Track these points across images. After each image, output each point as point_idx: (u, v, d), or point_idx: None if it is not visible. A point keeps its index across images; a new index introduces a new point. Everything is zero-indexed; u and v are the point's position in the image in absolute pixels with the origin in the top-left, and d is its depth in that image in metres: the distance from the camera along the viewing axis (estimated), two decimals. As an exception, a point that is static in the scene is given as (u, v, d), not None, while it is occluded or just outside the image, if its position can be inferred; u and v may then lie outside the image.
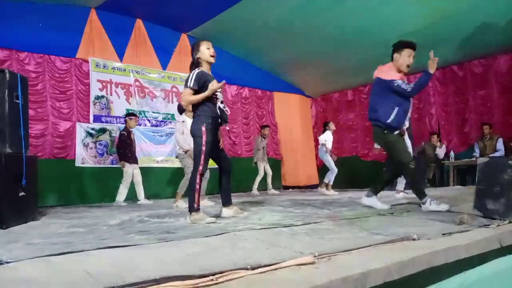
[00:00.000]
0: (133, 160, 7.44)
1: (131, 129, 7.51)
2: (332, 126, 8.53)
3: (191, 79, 3.73)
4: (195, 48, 3.95)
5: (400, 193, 6.12)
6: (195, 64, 3.92)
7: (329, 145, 8.31)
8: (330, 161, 8.12)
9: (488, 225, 2.68)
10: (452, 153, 8.86)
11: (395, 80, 4.04)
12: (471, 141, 9.06)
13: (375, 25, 8.14)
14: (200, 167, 3.63)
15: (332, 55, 9.63)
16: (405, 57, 4.15)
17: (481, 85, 9.09)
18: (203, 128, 3.65)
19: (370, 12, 7.81)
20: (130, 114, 7.76)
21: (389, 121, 4.01)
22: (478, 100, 9.15)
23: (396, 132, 4.05)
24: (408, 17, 7.73)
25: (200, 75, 3.75)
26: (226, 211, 3.99)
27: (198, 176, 3.63)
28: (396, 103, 4.02)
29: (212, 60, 3.91)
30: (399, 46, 4.18)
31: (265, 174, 9.42)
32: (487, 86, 8.99)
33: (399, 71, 4.18)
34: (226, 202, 4.04)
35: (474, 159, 7.85)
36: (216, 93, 3.79)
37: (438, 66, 9.44)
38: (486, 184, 3.05)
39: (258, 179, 9.33)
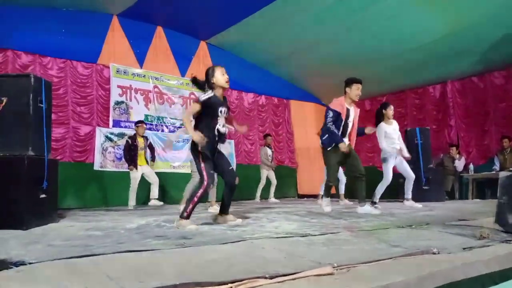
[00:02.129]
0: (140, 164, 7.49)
1: (140, 136, 7.59)
2: None
3: (203, 97, 3.90)
4: (210, 73, 4.05)
5: (409, 201, 6.19)
6: (210, 87, 4.04)
7: None
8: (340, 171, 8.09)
9: (510, 240, 2.62)
10: (471, 166, 8.71)
11: (330, 109, 5.20)
12: (491, 154, 8.90)
13: (395, 35, 8.12)
14: (205, 183, 3.78)
15: (351, 64, 9.59)
16: (354, 90, 5.12)
17: (502, 97, 8.95)
18: (199, 149, 3.79)
19: (391, 21, 7.78)
20: (139, 121, 7.84)
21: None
22: (499, 112, 9.00)
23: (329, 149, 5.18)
24: (429, 26, 7.67)
25: (211, 100, 3.91)
26: (220, 218, 4.09)
27: (201, 191, 3.76)
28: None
29: (226, 85, 4.05)
30: (349, 82, 5.16)
31: (270, 182, 9.41)
32: (508, 98, 8.84)
33: (352, 101, 5.20)
34: (222, 211, 4.14)
35: (494, 172, 7.71)
36: (218, 118, 3.94)
37: (458, 77, 9.27)
38: (508, 199, 2.99)
39: (261, 187, 9.30)
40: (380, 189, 5.93)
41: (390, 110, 6.26)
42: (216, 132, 3.93)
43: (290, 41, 9.33)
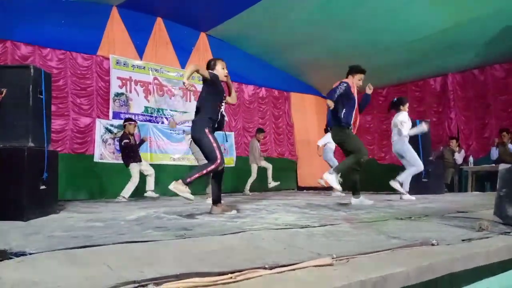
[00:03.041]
0: (138, 158, 7.47)
1: (131, 134, 7.51)
2: None
3: (212, 73, 4.08)
4: (211, 64, 4.25)
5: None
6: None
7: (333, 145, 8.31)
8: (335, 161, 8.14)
9: (509, 232, 2.62)
10: (471, 159, 8.72)
11: (342, 82, 5.08)
12: (490, 147, 8.91)
13: (396, 27, 8.08)
14: (218, 160, 3.81)
15: (352, 57, 9.50)
16: (357, 80, 5.22)
17: (502, 90, 8.94)
18: (206, 130, 3.89)
19: (392, 13, 7.74)
20: (128, 119, 7.72)
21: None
22: (499, 105, 8.99)
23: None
24: (431, 19, 7.64)
25: (217, 79, 4.11)
26: (215, 209, 4.12)
27: (212, 167, 3.81)
28: None
29: (225, 79, 4.26)
30: (353, 71, 5.25)
31: (265, 169, 9.39)
32: (509, 91, 8.84)
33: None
34: (216, 201, 4.18)
35: (494, 165, 7.72)
36: (223, 102, 4.13)
37: (459, 69, 9.28)
38: (507, 191, 2.99)
39: (251, 180, 9.21)
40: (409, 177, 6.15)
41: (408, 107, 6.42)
42: (219, 116, 4.05)
43: (291, 33, 9.29)
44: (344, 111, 5.03)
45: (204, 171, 3.80)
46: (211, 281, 1.46)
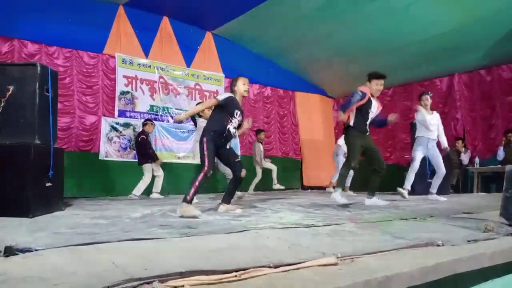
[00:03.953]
0: (153, 158, 7.60)
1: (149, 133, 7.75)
2: None
3: (223, 96, 4.33)
4: (234, 81, 4.51)
5: (433, 195, 6.11)
6: (232, 91, 4.48)
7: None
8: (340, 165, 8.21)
9: (515, 233, 2.62)
10: (477, 159, 8.67)
11: (358, 90, 4.96)
12: (497, 148, 8.84)
13: (404, 27, 8.03)
14: (205, 168, 4.03)
15: (358, 56, 9.53)
16: (374, 86, 5.02)
17: (509, 91, 8.85)
18: (205, 139, 4.14)
19: (399, 13, 7.69)
20: (149, 120, 7.96)
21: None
22: (506, 106, 8.91)
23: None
24: (438, 19, 7.58)
25: (231, 101, 4.30)
26: (221, 207, 4.36)
27: (201, 175, 4.00)
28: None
29: (245, 94, 4.50)
30: (369, 77, 5.05)
31: (270, 170, 9.39)
32: (516, 92, 8.76)
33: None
34: (224, 200, 4.44)
35: (500, 166, 7.66)
36: (233, 118, 4.29)
37: (465, 70, 9.21)
38: (513, 192, 2.98)
39: (256, 181, 9.18)
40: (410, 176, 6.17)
41: (426, 100, 6.26)
42: (226, 131, 4.24)
43: (296, 33, 9.27)
44: (355, 120, 4.97)
45: (197, 182, 3.95)
46: (216, 279, 1.46)
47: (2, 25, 7.23)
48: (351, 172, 8.05)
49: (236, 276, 1.50)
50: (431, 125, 6.14)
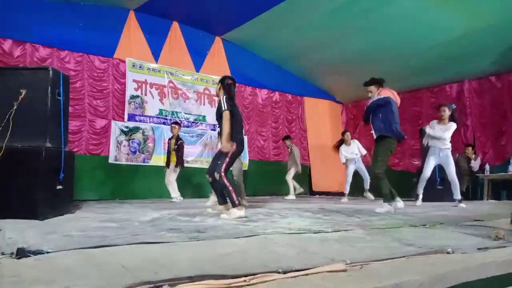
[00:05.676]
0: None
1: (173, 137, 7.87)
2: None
3: (224, 103, 4.46)
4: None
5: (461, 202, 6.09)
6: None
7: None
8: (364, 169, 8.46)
9: (526, 242, 2.59)
10: (487, 166, 8.58)
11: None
12: (507, 155, 8.75)
13: (413, 33, 8.01)
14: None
15: (367, 62, 9.50)
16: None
17: (520, 98, 8.78)
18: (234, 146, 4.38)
19: (408, 19, 7.68)
20: (176, 122, 8.12)
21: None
22: (517, 113, 8.84)
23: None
24: (448, 25, 7.56)
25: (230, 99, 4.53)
26: (221, 208, 4.54)
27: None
28: None
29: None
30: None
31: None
32: (527, 98, 8.68)
33: None
34: (219, 202, 4.65)
35: (510, 173, 7.58)
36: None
37: (475, 76, 9.14)
38: (524, 200, 2.95)
39: (297, 186, 9.41)
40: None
41: (440, 111, 6.24)
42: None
43: (305, 38, 9.28)
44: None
45: (230, 188, 4.26)
46: (225, 283, 1.47)
47: (15, 29, 7.36)
48: (368, 177, 8.23)
49: (245, 281, 1.50)
50: (436, 136, 6.23)
